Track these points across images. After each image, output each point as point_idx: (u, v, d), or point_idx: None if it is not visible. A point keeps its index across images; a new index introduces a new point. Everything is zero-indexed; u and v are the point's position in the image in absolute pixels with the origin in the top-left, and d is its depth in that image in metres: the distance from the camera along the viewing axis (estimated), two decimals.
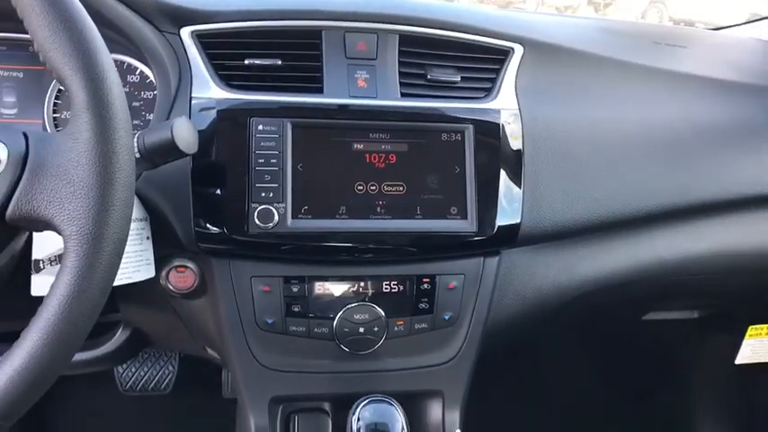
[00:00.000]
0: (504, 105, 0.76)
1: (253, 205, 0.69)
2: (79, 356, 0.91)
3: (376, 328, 0.75)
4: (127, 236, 0.50)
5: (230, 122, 0.70)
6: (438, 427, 0.80)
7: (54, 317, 0.45)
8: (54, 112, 0.79)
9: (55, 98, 0.79)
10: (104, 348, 0.91)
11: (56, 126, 0.80)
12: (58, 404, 1.56)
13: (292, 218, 0.70)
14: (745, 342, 0.97)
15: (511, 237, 0.76)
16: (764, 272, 0.94)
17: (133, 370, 1.37)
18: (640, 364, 1.63)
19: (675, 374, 1.56)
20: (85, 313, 0.46)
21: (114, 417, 1.55)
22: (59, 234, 0.47)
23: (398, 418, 0.59)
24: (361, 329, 0.75)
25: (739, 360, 0.99)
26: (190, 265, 0.76)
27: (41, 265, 0.64)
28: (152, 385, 1.38)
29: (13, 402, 0.46)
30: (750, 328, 0.95)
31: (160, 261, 0.74)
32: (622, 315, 1.02)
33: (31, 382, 0.45)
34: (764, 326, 0.96)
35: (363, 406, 0.60)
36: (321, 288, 0.75)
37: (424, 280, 0.76)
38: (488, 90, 0.77)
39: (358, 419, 0.59)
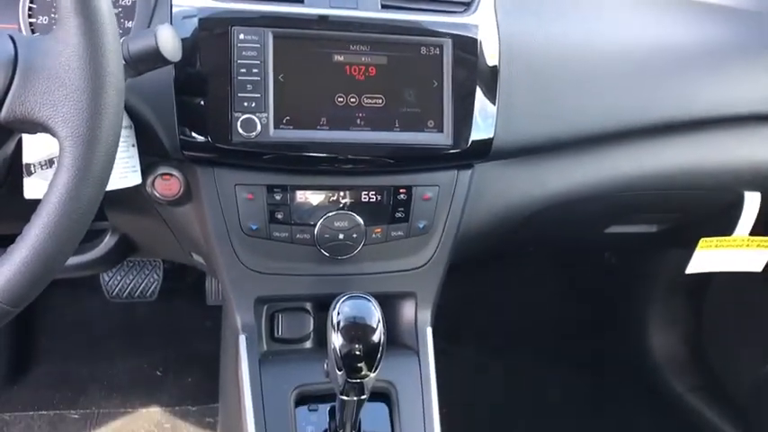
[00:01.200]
0: (483, 21, 0.78)
1: (236, 114, 0.71)
2: (69, 261, 0.95)
3: (355, 235, 0.80)
4: (119, 139, 0.52)
5: (212, 31, 0.71)
6: (411, 324, 0.87)
7: (54, 212, 0.48)
8: (29, 17, 0.78)
9: (29, 2, 0.78)
10: (93, 254, 0.95)
11: (32, 31, 0.79)
12: (47, 311, 1.62)
13: (274, 128, 0.72)
14: (696, 253, 1.04)
15: (484, 151, 0.80)
16: (719, 189, 1.00)
17: (119, 278, 1.42)
18: (599, 277, 1.74)
19: (632, 286, 1.67)
20: (83, 209, 0.50)
21: (102, 323, 1.62)
22: (54, 136, 0.50)
23: (375, 313, 0.64)
24: (341, 236, 0.79)
25: (689, 270, 1.07)
26: (175, 173, 0.78)
27: (32, 169, 0.66)
28: (138, 293, 1.43)
29: (21, 291, 0.50)
30: (702, 240, 1.02)
31: (146, 169, 0.77)
32: (586, 228, 1.09)
33: (36, 273, 0.49)
34: (715, 238, 1.03)
35: (343, 302, 0.66)
36: (303, 197, 0.78)
37: (401, 191, 0.80)
38: (467, 5, 0.78)
39: (338, 314, 0.65)
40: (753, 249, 1.06)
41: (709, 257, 1.07)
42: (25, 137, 0.65)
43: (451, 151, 0.77)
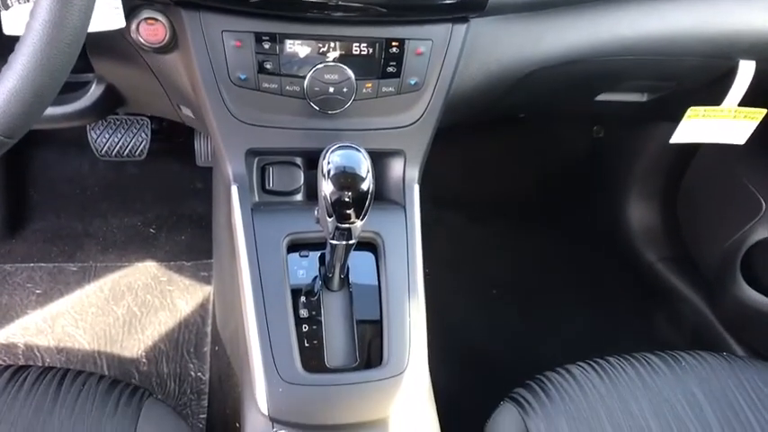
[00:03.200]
0: None
1: None
2: (55, 110, 0.94)
3: (345, 89, 0.79)
4: None
5: None
6: (399, 181, 0.89)
7: (40, 40, 0.47)
8: None
9: None
10: (80, 104, 0.94)
11: None
12: (38, 169, 1.63)
13: None
14: (682, 122, 1.05)
15: (480, 3, 0.77)
16: (715, 56, 0.99)
17: (107, 135, 1.42)
18: (585, 151, 1.76)
19: (616, 161, 1.70)
20: (69, 38, 0.48)
21: (93, 182, 1.64)
22: None
23: (365, 163, 0.66)
24: (331, 89, 0.79)
25: (674, 139, 1.08)
26: (160, 17, 0.76)
27: (9, 2, 0.63)
28: (127, 151, 1.44)
29: (14, 121, 0.50)
30: (690, 109, 1.03)
31: (129, 12, 0.74)
32: (577, 94, 1.09)
33: (27, 102, 0.49)
34: (702, 107, 1.03)
35: (333, 151, 0.67)
36: (292, 46, 0.77)
37: (393, 44, 0.78)
38: None
39: (328, 162, 0.66)
40: (739, 120, 1.07)
41: (694, 127, 1.08)
42: None
43: (447, 1, 0.75)
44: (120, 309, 1.42)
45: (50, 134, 1.62)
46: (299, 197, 0.90)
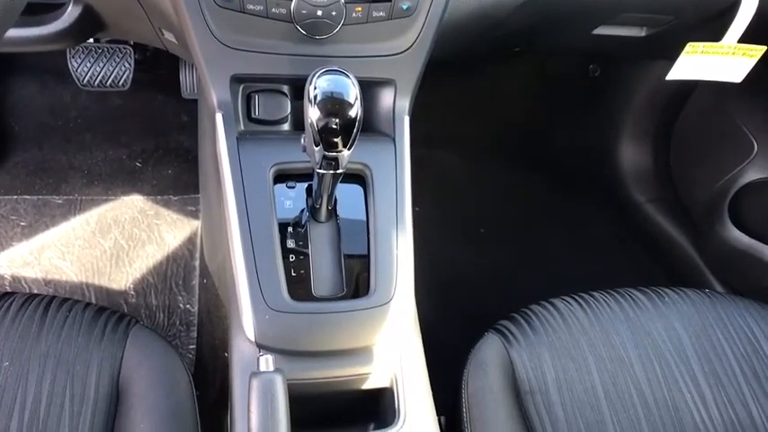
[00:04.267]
0: None
1: None
2: (31, 32, 0.90)
3: (333, 13, 0.76)
4: None
5: None
6: (389, 111, 0.87)
7: None
8: None
9: None
10: (56, 25, 0.90)
11: None
12: (18, 100, 1.58)
13: None
14: (680, 58, 1.03)
15: None
16: None
17: (88, 64, 1.37)
18: (580, 89, 1.74)
19: (611, 100, 1.68)
20: None
21: (76, 113, 1.59)
22: None
23: (353, 89, 0.64)
24: (319, 12, 0.75)
25: (670, 76, 1.06)
26: None
27: None
28: (109, 81, 1.39)
29: None
30: (688, 44, 1.00)
31: None
32: (574, 25, 1.05)
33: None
34: (701, 43, 1.01)
35: (319, 76, 0.64)
36: None
37: None
38: None
39: (315, 88, 0.64)
40: (737, 57, 1.05)
41: (692, 63, 1.06)
42: None
43: None
44: (107, 242, 1.41)
45: (30, 63, 1.57)
46: (285, 127, 0.88)
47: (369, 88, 0.86)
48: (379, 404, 0.80)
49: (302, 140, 0.69)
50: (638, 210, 1.65)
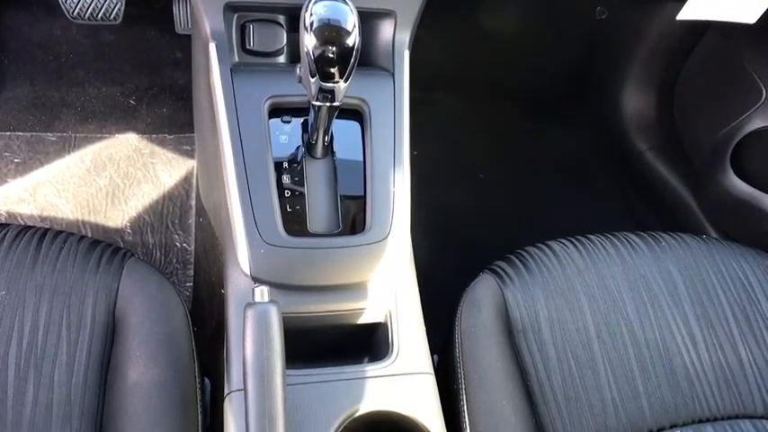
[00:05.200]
0: None
1: None
2: None
3: None
4: None
5: None
6: (388, 45, 0.84)
7: None
8: None
9: None
10: None
11: None
12: (7, 33, 1.53)
13: None
14: None
15: None
16: None
17: None
18: (586, 33, 1.69)
19: (617, 44, 1.64)
20: None
21: (67, 48, 1.55)
22: None
23: (351, 16, 0.61)
24: None
25: (680, 16, 1.03)
26: None
27: None
28: (100, 14, 1.34)
29: None
30: None
31: None
32: None
33: None
34: None
35: (316, 2, 0.62)
36: None
37: None
38: None
39: (311, 14, 0.61)
40: None
41: (703, 3, 1.02)
42: None
43: None
44: (102, 180, 1.40)
45: None
46: (281, 59, 0.85)
47: (368, 20, 0.83)
48: (373, 339, 0.81)
49: (297, 70, 0.67)
50: (639, 158, 1.63)
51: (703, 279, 0.94)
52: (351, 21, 0.61)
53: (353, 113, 0.82)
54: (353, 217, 0.81)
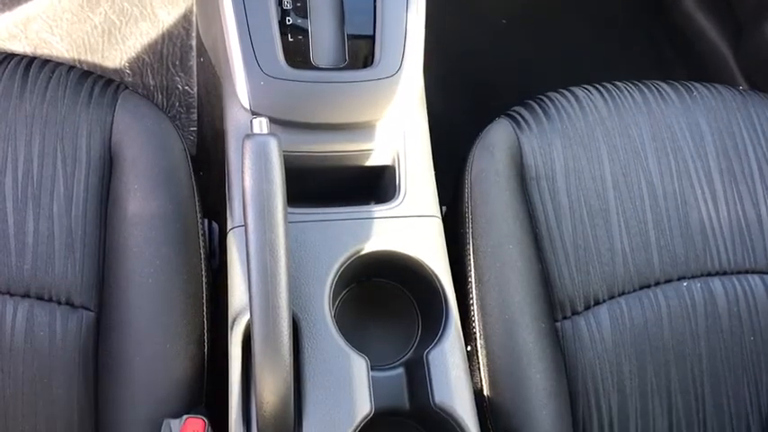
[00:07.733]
0: None
1: None
2: None
3: None
4: None
5: None
6: None
7: None
8: None
9: None
10: None
11: None
12: None
13: None
14: None
15: None
16: None
17: None
18: None
19: None
20: None
21: None
22: None
23: None
24: None
25: None
26: None
27: None
28: None
29: None
30: None
31: None
32: None
33: None
34: None
35: None
36: None
37: None
38: None
39: None
40: None
41: None
42: None
43: None
44: (96, 16, 1.30)
45: None
46: None
47: None
48: (380, 182, 0.78)
49: None
50: (676, 3, 1.49)
51: (733, 132, 0.88)
52: None
53: None
54: (362, 54, 0.74)
